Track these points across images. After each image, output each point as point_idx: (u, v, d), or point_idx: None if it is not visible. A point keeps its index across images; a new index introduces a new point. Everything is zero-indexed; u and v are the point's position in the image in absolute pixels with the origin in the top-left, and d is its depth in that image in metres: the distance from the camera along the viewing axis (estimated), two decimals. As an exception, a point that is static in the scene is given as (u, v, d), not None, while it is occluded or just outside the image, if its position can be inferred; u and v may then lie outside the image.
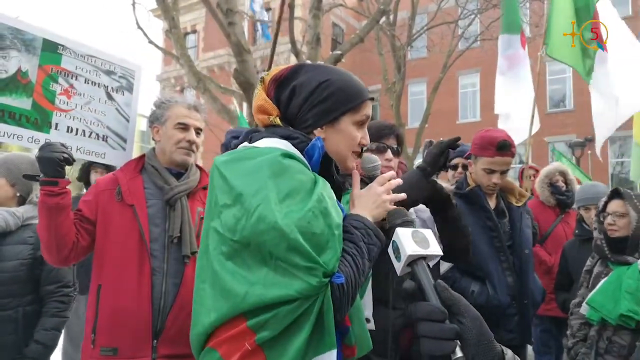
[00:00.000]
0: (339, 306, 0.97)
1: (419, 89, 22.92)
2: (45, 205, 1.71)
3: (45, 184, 1.71)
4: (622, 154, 17.86)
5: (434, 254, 0.89)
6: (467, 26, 14.78)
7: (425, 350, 0.76)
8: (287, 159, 1.04)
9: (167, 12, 8.84)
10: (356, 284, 1.01)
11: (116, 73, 2.13)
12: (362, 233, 1.05)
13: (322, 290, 0.93)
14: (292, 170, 1.02)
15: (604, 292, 2.35)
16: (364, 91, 1.21)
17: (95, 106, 2.06)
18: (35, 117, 1.90)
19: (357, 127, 1.20)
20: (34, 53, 1.90)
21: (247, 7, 15.11)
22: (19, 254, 2.21)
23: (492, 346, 0.76)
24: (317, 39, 8.40)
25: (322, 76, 1.16)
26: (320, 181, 1.06)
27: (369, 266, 1.05)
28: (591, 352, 2.35)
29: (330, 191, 1.07)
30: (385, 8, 9.97)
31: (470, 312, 0.79)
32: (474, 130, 2.64)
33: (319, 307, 0.93)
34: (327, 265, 0.94)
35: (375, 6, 10.96)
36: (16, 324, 2.18)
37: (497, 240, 2.37)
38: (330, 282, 0.95)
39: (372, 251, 1.06)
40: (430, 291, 0.83)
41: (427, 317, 0.78)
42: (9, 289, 2.17)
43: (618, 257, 2.42)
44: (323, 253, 0.95)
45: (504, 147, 2.30)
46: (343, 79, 1.18)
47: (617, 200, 2.49)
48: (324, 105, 1.15)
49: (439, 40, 14.67)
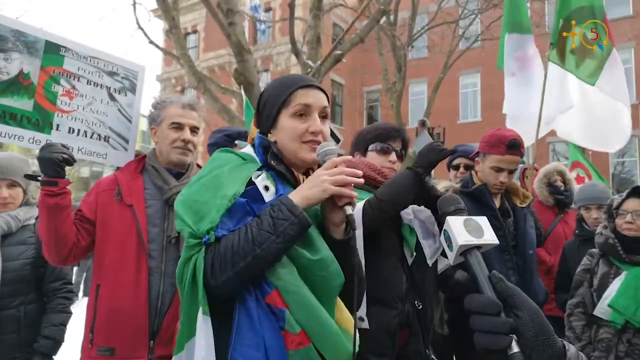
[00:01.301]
0: (212, 270, 1.04)
1: (419, 89, 22.91)
2: (45, 205, 1.71)
3: (45, 184, 1.71)
4: (623, 153, 17.82)
5: (489, 242, 0.84)
6: (468, 26, 14.78)
7: (479, 344, 0.72)
8: (222, 153, 1.25)
9: (167, 12, 8.84)
10: (243, 252, 1.03)
11: (119, 74, 2.13)
12: (273, 209, 1.07)
13: (195, 250, 1.06)
14: (218, 160, 1.21)
15: (625, 294, 2.30)
16: (291, 84, 1.24)
17: (97, 107, 2.06)
18: (37, 118, 1.91)
19: (297, 119, 1.22)
20: (36, 55, 1.91)
21: (247, 7, 15.12)
22: (22, 254, 2.24)
23: (551, 341, 0.71)
24: (317, 39, 8.41)
25: (263, 90, 1.31)
26: (242, 165, 1.19)
27: (272, 239, 1.04)
28: (609, 355, 2.31)
29: (242, 173, 1.17)
30: (386, 8, 9.97)
31: (528, 305, 0.73)
32: (474, 130, 2.66)
33: (192, 266, 1.06)
34: (197, 229, 1.06)
35: (376, 6, 10.94)
36: (18, 323, 2.20)
37: (502, 240, 2.36)
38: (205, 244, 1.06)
39: (278, 225, 1.04)
40: (484, 282, 0.78)
41: (481, 310, 0.73)
42: (14, 288, 2.19)
43: (632, 257, 2.38)
44: (202, 220, 1.07)
45: (514, 145, 2.31)
46: (275, 84, 1.28)
47: (637, 199, 2.43)
48: (264, 114, 1.28)
49: (440, 40, 14.66)
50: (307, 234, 1.13)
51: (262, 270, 1.05)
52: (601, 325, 2.42)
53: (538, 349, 0.69)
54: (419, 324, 1.86)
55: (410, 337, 1.85)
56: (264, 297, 1.06)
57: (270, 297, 1.06)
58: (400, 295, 1.83)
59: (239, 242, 1.04)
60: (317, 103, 1.23)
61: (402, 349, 1.82)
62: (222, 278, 1.03)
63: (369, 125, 2.18)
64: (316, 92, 1.24)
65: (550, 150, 18.83)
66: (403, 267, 1.88)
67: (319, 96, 1.24)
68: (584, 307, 2.56)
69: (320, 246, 1.14)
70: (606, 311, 2.36)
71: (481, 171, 2.45)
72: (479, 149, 2.49)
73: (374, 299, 1.79)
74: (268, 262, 1.05)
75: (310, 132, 1.21)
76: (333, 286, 1.13)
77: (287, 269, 1.07)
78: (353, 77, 23.53)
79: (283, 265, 1.07)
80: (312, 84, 1.25)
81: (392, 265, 1.87)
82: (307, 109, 1.22)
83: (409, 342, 1.84)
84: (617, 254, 2.43)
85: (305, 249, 1.11)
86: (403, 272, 1.87)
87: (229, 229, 1.08)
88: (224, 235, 1.07)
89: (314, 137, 1.21)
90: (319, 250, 1.13)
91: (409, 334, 1.85)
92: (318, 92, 1.25)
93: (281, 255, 1.07)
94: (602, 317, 2.39)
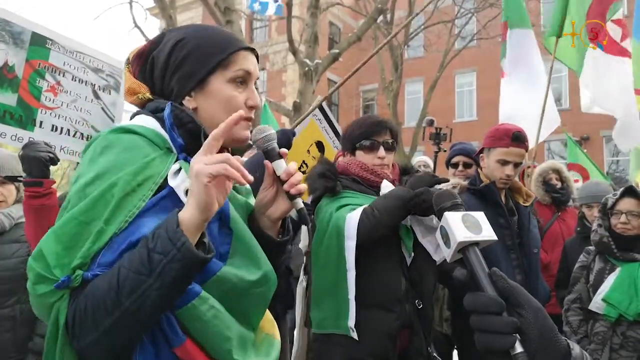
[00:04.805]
0: (72, 328, 0.76)
1: (415, 87, 22.93)
2: (31, 207, 1.66)
3: (30, 184, 1.65)
4: (617, 152, 17.93)
5: (487, 239, 0.80)
6: (464, 25, 14.82)
7: (481, 345, 0.69)
8: (117, 134, 0.89)
9: (164, 10, 8.81)
10: (104, 306, 0.74)
11: (104, 71, 2.07)
12: (153, 235, 0.77)
13: (53, 298, 0.76)
14: (115, 148, 0.86)
15: (619, 289, 2.35)
16: (232, 42, 0.99)
17: (82, 105, 1.98)
18: (20, 114, 1.82)
19: (234, 86, 0.98)
20: (22, 47, 1.82)
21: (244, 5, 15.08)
22: (16, 252, 2.21)
23: (556, 340, 0.68)
24: (314, 37, 8.41)
25: (176, 37, 0.99)
26: (150, 164, 0.86)
27: (148, 284, 0.73)
28: (604, 348, 2.35)
29: (148, 180, 0.84)
30: (383, 7, 9.98)
31: (531, 304, 0.70)
32: (471, 129, 2.67)
33: (53, 319, 0.77)
34: (57, 264, 0.75)
35: (373, 5, 10.95)
36: (14, 322, 2.17)
37: (509, 238, 2.35)
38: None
39: (155, 262, 0.73)
40: (485, 280, 0.74)
41: (482, 310, 0.70)
42: (9, 287, 2.17)
43: (626, 255, 2.42)
44: (71, 250, 0.77)
45: (518, 137, 2.32)
46: (200, 35, 0.99)
47: (632, 199, 2.46)
48: (183, 69, 0.97)
49: (436, 39, 14.69)
50: (247, 248, 0.91)
51: (145, 325, 0.77)
52: (597, 319, 2.46)
53: (543, 349, 0.66)
54: (420, 323, 1.86)
55: (411, 337, 1.84)
56: (172, 347, 0.80)
57: (180, 349, 0.80)
58: (399, 297, 1.82)
59: (101, 292, 0.74)
60: (255, 72, 1.02)
61: (403, 349, 1.82)
62: (85, 340, 0.75)
63: (353, 121, 2.14)
64: (254, 58, 1.03)
65: (545, 149, 18.92)
66: (402, 268, 1.87)
67: (256, 64, 1.03)
68: (580, 302, 2.60)
69: (261, 259, 0.93)
70: (600, 305, 2.41)
71: (486, 166, 2.44)
72: (483, 144, 2.49)
73: (372, 303, 1.79)
74: (147, 315, 0.75)
75: (248, 105, 0.99)
76: (268, 298, 0.96)
77: (206, 303, 0.82)
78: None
79: (202, 299, 0.81)
80: (252, 47, 1.03)
81: (389, 268, 1.85)
82: (247, 76, 1.00)
83: (411, 342, 1.83)
84: (612, 252, 2.47)
85: (242, 269, 0.89)
86: (402, 273, 1.86)
87: (107, 265, 0.77)
88: (95, 276, 0.76)
89: (250, 114, 1.00)
90: (260, 265, 0.92)
91: (411, 334, 1.84)
92: (254, 58, 1.03)
93: (169, 303, 0.77)
94: (597, 311, 2.43)
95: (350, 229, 1.76)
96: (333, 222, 1.82)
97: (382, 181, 1.97)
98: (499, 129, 2.43)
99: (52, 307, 0.76)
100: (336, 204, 1.88)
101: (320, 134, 2.93)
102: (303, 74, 8.58)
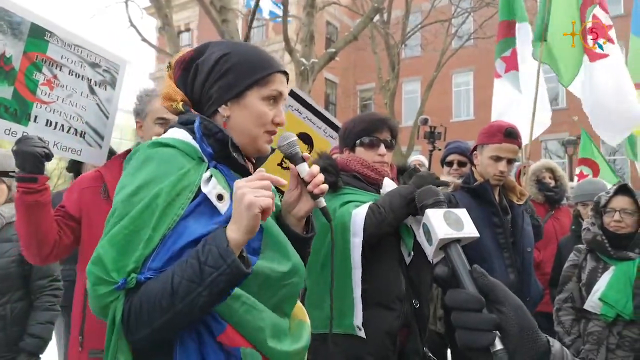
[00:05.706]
0: (128, 324, 0.88)
1: (413, 87, 22.95)
2: (24, 203, 1.61)
3: (23, 180, 1.61)
4: (614, 151, 17.97)
5: (469, 235, 0.80)
6: (461, 24, 14.84)
7: (462, 342, 0.69)
8: (155, 148, 1.00)
9: (160, 9, 8.79)
10: (160, 307, 0.86)
11: (101, 66, 2.03)
12: (203, 249, 0.88)
13: (110, 298, 0.88)
14: (154, 161, 0.97)
15: (614, 288, 2.32)
16: (271, 63, 1.10)
17: (77, 100, 1.94)
18: (15, 108, 1.76)
19: (267, 103, 1.09)
20: (20, 38, 1.76)
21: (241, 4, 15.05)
22: (7, 251, 2.20)
23: (536, 337, 0.68)
24: (310, 37, 8.40)
25: (222, 50, 1.09)
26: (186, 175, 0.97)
27: (198, 292, 0.85)
28: (600, 348, 2.32)
29: (185, 189, 0.96)
30: (379, 6, 9.97)
31: (510, 300, 0.70)
32: (467, 129, 2.67)
33: (111, 317, 0.88)
34: (114, 268, 0.87)
35: (370, 4, 10.95)
36: (4, 321, 2.17)
37: (502, 237, 2.35)
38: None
39: (206, 273, 0.85)
40: (465, 277, 0.74)
41: (462, 306, 0.70)
42: (0, 286, 2.16)
43: (620, 254, 2.39)
44: (125, 256, 0.89)
45: (511, 133, 2.33)
46: (245, 51, 1.10)
47: (625, 197, 2.44)
48: (225, 80, 1.07)
49: (433, 38, 14.70)
50: (276, 242, 1.04)
51: (190, 323, 0.90)
52: (590, 319, 2.43)
53: (522, 345, 0.66)
54: (417, 323, 1.85)
55: (409, 337, 1.84)
56: (215, 336, 0.92)
57: (223, 335, 0.92)
58: (400, 296, 1.82)
59: (156, 294, 0.87)
60: (285, 93, 1.14)
61: (402, 347, 1.81)
62: (139, 334, 0.89)
63: (353, 117, 2.12)
64: (285, 80, 1.14)
65: (542, 148, 18.96)
66: (401, 267, 1.86)
67: (287, 85, 1.15)
68: (572, 301, 2.57)
69: (290, 252, 1.05)
70: (597, 305, 2.37)
71: (480, 164, 2.44)
72: (476, 142, 2.49)
73: (374, 301, 1.78)
74: (195, 315, 0.89)
75: (275, 122, 1.10)
76: (298, 290, 1.07)
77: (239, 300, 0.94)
78: (346, 76, 23.52)
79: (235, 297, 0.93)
80: (285, 71, 1.15)
81: (391, 267, 1.85)
82: (279, 96, 1.11)
83: (408, 341, 1.83)
84: (605, 251, 2.44)
85: (274, 262, 1.01)
86: (401, 273, 1.85)
87: (157, 269, 0.89)
88: (147, 279, 0.88)
89: (275, 129, 1.11)
90: (289, 257, 1.04)
91: (408, 334, 1.84)
92: (286, 81, 1.15)
93: (211, 307, 0.90)
94: (593, 311, 2.40)
95: (357, 226, 1.75)
96: (337, 218, 1.79)
97: (382, 179, 1.96)
98: (492, 125, 2.44)
99: (109, 306, 0.88)
100: (339, 200, 1.85)
101: (303, 125, 2.59)
102: (299, 73, 8.58)
